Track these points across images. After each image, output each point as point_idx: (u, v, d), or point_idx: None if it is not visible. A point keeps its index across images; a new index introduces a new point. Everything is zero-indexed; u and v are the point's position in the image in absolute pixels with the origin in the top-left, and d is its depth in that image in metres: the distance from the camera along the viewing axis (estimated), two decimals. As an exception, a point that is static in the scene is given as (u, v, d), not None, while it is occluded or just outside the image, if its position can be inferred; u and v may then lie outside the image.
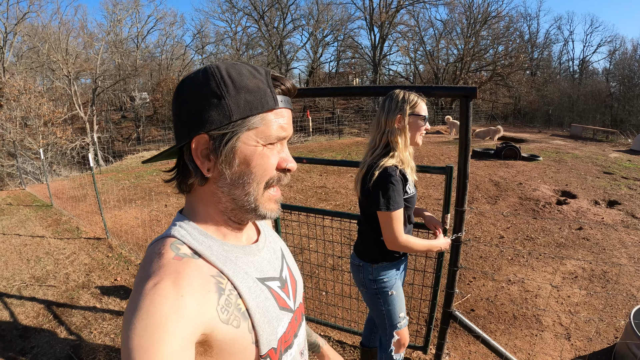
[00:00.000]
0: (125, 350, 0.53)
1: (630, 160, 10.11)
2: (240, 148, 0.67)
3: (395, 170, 1.72)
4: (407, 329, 2.03)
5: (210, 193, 0.72)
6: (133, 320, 0.54)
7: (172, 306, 0.56)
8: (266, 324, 0.70)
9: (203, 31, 33.17)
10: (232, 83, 0.65)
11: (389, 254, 1.89)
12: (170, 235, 0.69)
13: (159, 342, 0.53)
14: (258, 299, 0.71)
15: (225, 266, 0.68)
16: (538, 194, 7.02)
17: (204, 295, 0.62)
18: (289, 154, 0.75)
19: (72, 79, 19.88)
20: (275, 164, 0.72)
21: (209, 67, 0.67)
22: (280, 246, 0.91)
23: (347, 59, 33.62)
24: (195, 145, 0.67)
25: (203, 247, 0.69)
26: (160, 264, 0.62)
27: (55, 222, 6.69)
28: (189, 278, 0.61)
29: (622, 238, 5.10)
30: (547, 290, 3.86)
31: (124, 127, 29.27)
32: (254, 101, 0.66)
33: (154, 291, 0.57)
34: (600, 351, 3.00)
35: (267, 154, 0.70)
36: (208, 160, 0.68)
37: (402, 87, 1.85)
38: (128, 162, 14.89)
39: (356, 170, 1.94)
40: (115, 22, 27.45)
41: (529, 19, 33.69)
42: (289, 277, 0.86)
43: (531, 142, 13.52)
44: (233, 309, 0.66)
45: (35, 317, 3.69)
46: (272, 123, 0.69)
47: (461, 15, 28.48)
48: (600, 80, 31.18)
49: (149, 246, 0.70)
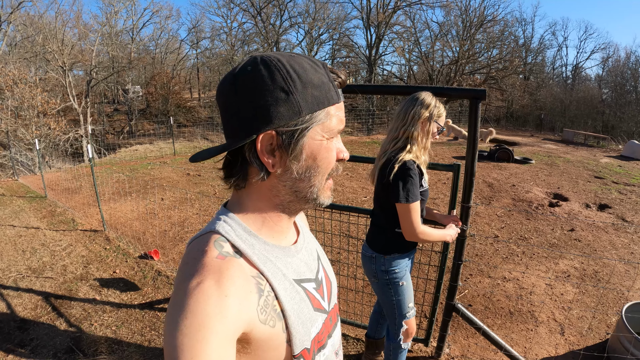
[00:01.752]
0: (169, 347, 0.54)
1: (620, 166, 10.29)
2: (308, 143, 0.68)
3: (413, 164, 1.82)
4: (414, 319, 2.10)
5: (269, 187, 0.72)
6: (177, 318, 0.55)
7: (215, 306, 0.57)
8: (300, 325, 0.71)
9: (198, 26, 33.09)
10: (299, 78, 0.65)
11: (401, 245, 1.95)
12: (215, 231, 0.69)
13: (202, 340, 0.54)
14: (293, 300, 0.71)
15: (265, 267, 0.69)
16: (531, 196, 7.14)
17: (245, 296, 0.63)
18: (342, 144, 0.75)
19: (67, 70, 19.66)
20: (336, 155, 0.73)
21: (269, 60, 0.65)
22: (316, 247, 0.92)
23: (341, 58, 33.68)
24: (261, 142, 0.66)
25: (246, 245, 0.69)
26: (203, 262, 0.62)
27: (50, 214, 6.64)
28: (232, 279, 0.62)
29: (612, 240, 5.22)
30: (541, 288, 3.95)
31: (117, 120, 28.97)
32: (320, 96, 0.67)
33: (197, 290, 0.57)
34: (593, 346, 3.10)
35: (331, 147, 0.71)
36: (273, 156, 0.67)
37: (425, 88, 1.94)
38: (122, 155, 14.80)
39: (351, 164, 2.01)
40: (111, 14, 27.19)
41: (524, 24, 34.10)
42: (325, 278, 0.87)
43: (523, 145, 13.68)
44: (270, 309, 0.67)
45: (33, 309, 3.67)
46: (334, 117, 0.70)
47: (457, 18, 28.67)
48: (592, 86, 31.60)
49: (192, 241, 0.70)
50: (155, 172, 10.04)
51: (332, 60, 33.52)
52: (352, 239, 4.44)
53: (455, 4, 27.62)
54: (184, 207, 6.82)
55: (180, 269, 0.64)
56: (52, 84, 20.22)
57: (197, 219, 6.15)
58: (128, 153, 14.93)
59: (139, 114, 27.27)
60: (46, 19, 22.26)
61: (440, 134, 1.95)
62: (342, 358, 0.94)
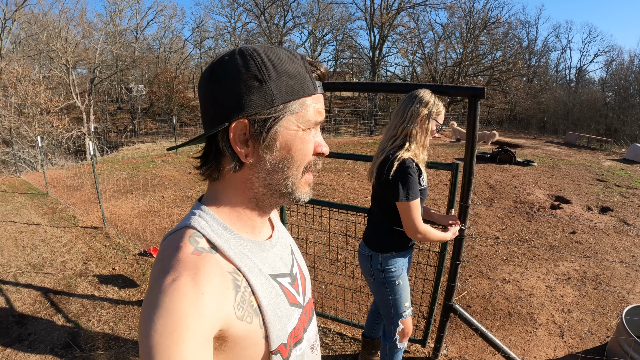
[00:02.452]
0: (144, 346, 0.53)
1: (623, 169, 10.25)
2: (282, 133, 0.67)
3: (412, 162, 1.81)
4: (411, 319, 2.08)
5: (243, 179, 0.71)
6: (153, 317, 0.54)
7: (192, 304, 0.55)
8: (276, 320, 0.70)
9: (202, 25, 33.21)
10: (273, 67, 0.64)
11: (398, 244, 1.94)
12: (190, 226, 0.68)
13: (178, 340, 0.52)
14: (269, 295, 0.71)
15: (242, 262, 0.68)
16: (532, 198, 7.11)
17: (222, 293, 0.61)
18: (322, 138, 0.74)
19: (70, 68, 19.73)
20: (313, 148, 0.72)
21: (245, 50, 0.66)
22: (290, 242, 0.91)
23: (345, 59, 33.74)
24: (234, 130, 0.65)
25: (222, 240, 0.68)
26: (178, 259, 0.60)
27: (51, 210, 6.66)
28: (208, 275, 0.60)
29: (614, 243, 5.19)
30: (541, 290, 3.93)
31: (120, 119, 29.10)
32: (295, 86, 0.66)
33: (173, 288, 0.56)
34: (592, 349, 3.08)
35: (306, 139, 0.70)
36: (246, 146, 0.67)
37: (424, 86, 1.93)
38: (124, 153, 14.81)
39: (353, 164, 2.00)
40: (115, 13, 27.29)
41: (528, 26, 34.09)
42: (299, 273, 0.86)
43: (526, 148, 13.65)
44: (247, 305, 0.66)
45: (32, 304, 3.68)
46: (310, 107, 0.69)
47: (461, 20, 28.75)
48: (596, 89, 31.58)
49: (167, 237, 0.69)
50: (157, 171, 10.06)
51: (335, 61, 33.62)
52: (351, 238, 4.44)
53: (459, 5, 27.70)
54: (184, 205, 6.83)
55: (155, 266, 0.63)
56: (56, 81, 20.32)
57: (198, 217, 6.14)
58: (130, 151, 14.94)
59: (142, 112, 27.38)
60: (50, 17, 22.43)
61: (440, 132, 1.93)
62: (318, 352, 0.93)
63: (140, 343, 0.54)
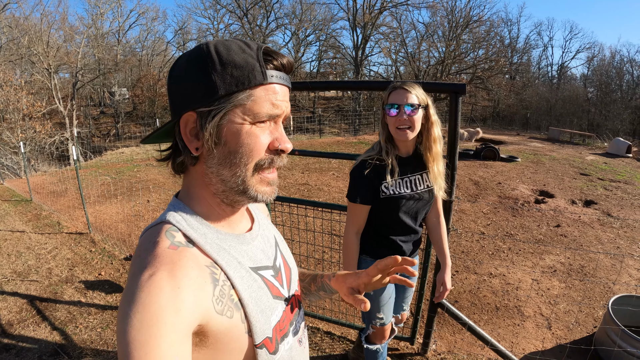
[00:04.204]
0: (122, 344, 0.52)
1: (606, 163, 10.46)
2: (226, 125, 0.65)
3: (364, 164, 1.71)
4: (384, 329, 1.99)
5: (202, 174, 0.71)
6: (129, 313, 0.53)
7: (169, 299, 0.55)
8: (259, 313, 0.70)
9: (185, 27, 32.95)
10: (219, 58, 0.63)
11: (370, 248, 1.87)
12: (166, 221, 0.68)
13: (156, 335, 0.52)
14: (250, 288, 0.70)
15: (219, 256, 0.68)
16: (517, 193, 7.21)
17: (200, 287, 0.61)
18: (283, 134, 0.70)
19: (52, 72, 19.42)
20: (267, 143, 0.68)
21: (198, 45, 0.66)
22: (274, 234, 0.90)
23: (328, 59, 33.81)
24: (183, 123, 0.66)
25: (198, 234, 0.67)
26: (155, 254, 0.60)
27: (35, 217, 6.55)
28: (185, 269, 0.60)
29: (598, 235, 5.29)
30: (527, 283, 3.99)
31: (103, 123, 28.70)
32: (241, 76, 0.64)
33: (149, 283, 0.55)
34: (580, 339, 3.13)
35: (255, 133, 0.66)
36: (197, 139, 0.67)
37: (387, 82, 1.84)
38: (108, 157, 14.61)
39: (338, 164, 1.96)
40: (97, 16, 26.94)
41: (510, 24, 34.54)
42: (283, 265, 0.85)
43: (509, 144, 13.83)
44: (227, 299, 0.65)
45: (19, 312, 3.61)
46: (261, 99, 0.65)
47: (443, 19, 29.00)
48: (578, 85, 32.13)
49: (144, 232, 0.69)
50: (142, 174, 9.95)
51: (318, 62, 33.71)
52: (336, 237, 4.44)
53: (442, 4, 27.96)
54: (171, 209, 6.75)
55: (132, 262, 0.62)
56: (38, 86, 19.98)
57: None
58: (114, 155, 14.74)
59: (125, 116, 27.04)
60: (31, 21, 22.03)
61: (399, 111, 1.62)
62: (306, 345, 0.92)
63: (118, 340, 0.53)
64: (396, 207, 1.74)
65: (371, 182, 1.70)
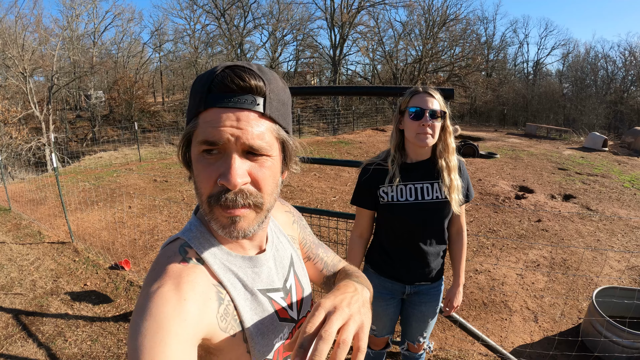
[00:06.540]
0: (131, 349, 0.55)
1: (583, 157, 10.73)
2: (192, 152, 0.65)
3: (368, 167, 1.72)
4: (376, 338, 1.98)
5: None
6: (138, 321, 0.57)
7: (174, 309, 0.58)
8: (259, 336, 0.71)
9: (161, 28, 32.42)
10: (193, 85, 0.65)
11: (374, 260, 1.84)
12: (181, 238, 0.71)
13: (162, 341, 0.55)
14: (253, 311, 0.71)
15: (225, 277, 0.69)
16: (497, 190, 7.35)
17: (204, 302, 0.64)
18: (230, 166, 0.60)
19: (28, 76, 18.91)
20: (214, 176, 0.62)
21: None
22: (292, 253, 0.89)
23: (306, 59, 33.82)
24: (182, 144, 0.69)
25: (208, 254, 0.69)
26: (166, 268, 0.64)
27: (15, 227, 6.38)
28: (191, 284, 0.63)
29: (578, 228, 5.44)
30: (512, 278, 4.08)
31: (79, 127, 28.01)
32: (193, 105, 0.64)
33: (156, 294, 0.59)
34: (567, 331, 3.24)
35: (202, 163, 0.63)
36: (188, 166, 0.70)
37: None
38: (86, 163, 14.32)
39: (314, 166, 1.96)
40: (72, 18, 26.33)
41: (486, 22, 34.99)
42: (295, 286, 0.85)
43: (488, 140, 14.06)
44: (230, 318, 0.68)
45: (5, 328, 3.51)
46: (201, 126, 0.62)
47: (420, 18, 29.33)
48: (553, 81, 32.81)
49: (163, 247, 0.72)
50: (122, 180, 9.78)
51: (296, 61, 33.72)
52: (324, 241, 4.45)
53: (418, 3, 28.30)
54: (152, 215, 6.67)
55: (147, 275, 0.66)
56: (13, 91, 19.43)
57: (167, 226, 6.03)
58: (93, 161, 14.46)
59: (102, 120, 26.46)
60: (5, 24, 21.33)
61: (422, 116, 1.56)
62: None
63: (128, 346, 0.56)
64: (397, 215, 1.67)
65: (370, 186, 1.70)
